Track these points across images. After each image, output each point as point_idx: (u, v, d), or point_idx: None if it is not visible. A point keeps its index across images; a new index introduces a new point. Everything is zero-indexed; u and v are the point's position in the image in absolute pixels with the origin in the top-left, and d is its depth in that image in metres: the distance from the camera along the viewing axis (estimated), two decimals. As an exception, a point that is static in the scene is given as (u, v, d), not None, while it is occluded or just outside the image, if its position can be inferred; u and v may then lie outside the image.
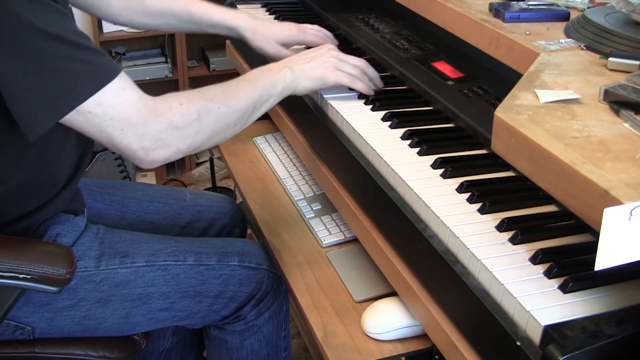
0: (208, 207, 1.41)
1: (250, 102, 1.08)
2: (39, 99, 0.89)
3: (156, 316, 1.14)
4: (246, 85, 1.09)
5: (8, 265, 0.95)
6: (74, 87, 0.90)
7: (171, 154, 1.00)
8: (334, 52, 1.19)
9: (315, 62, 1.16)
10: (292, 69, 1.14)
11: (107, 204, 1.31)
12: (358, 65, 1.19)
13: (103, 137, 0.96)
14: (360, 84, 1.18)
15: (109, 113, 0.93)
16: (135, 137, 0.96)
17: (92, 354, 1.12)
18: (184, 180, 2.87)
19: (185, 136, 1.00)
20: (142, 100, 0.96)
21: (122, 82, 0.95)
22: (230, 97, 1.06)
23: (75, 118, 0.92)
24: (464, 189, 0.91)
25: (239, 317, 1.22)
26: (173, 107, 0.99)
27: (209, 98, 1.03)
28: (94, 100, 0.92)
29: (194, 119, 1.00)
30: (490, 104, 1.08)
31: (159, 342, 1.41)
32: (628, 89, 0.80)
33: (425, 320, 0.90)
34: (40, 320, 1.07)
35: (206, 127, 1.02)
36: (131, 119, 0.95)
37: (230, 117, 1.05)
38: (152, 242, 1.16)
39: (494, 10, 1.10)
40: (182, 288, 1.15)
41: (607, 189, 0.63)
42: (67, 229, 1.09)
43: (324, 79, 1.16)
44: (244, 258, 1.21)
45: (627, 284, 0.74)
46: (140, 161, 0.99)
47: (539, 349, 0.68)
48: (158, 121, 0.97)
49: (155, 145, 0.98)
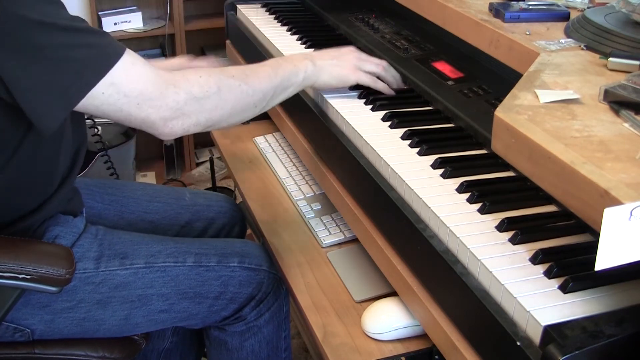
0: (207, 207, 1.41)
1: (271, 85, 1.09)
2: (49, 93, 0.89)
3: (156, 317, 1.14)
4: (268, 69, 1.10)
5: (8, 265, 0.95)
6: (82, 73, 0.90)
7: (190, 124, 1.00)
8: (356, 54, 1.22)
9: (338, 61, 1.19)
10: (314, 62, 1.16)
11: (106, 204, 1.31)
12: (379, 64, 1.22)
13: (121, 116, 0.96)
14: (381, 84, 1.21)
15: (123, 90, 0.93)
16: (153, 110, 0.96)
17: (92, 355, 1.12)
18: (184, 180, 2.87)
19: (204, 108, 1.00)
20: (155, 73, 0.96)
21: (131, 58, 0.94)
22: (251, 77, 1.07)
23: (89, 103, 0.92)
24: (464, 189, 0.91)
25: (239, 318, 1.22)
26: (191, 79, 0.99)
27: (229, 75, 1.04)
28: (105, 81, 0.91)
29: (214, 92, 1.01)
30: (490, 104, 1.08)
31: (159, 342, 1.41)
32: (628, 89, 0.80)
33: (425, 320, 0.90)
34: (39, 322, 1.07)
35: (226, 102, 1.03)
36: (146, 92, 0.95)
37: (251, 97, 1.06)
38: (152, 243, 1.16)
39: (494, 10, 1.10)
40: (182, 289, 1.14)
41: (607, 189, 0.63)
42: (66, 230, 1.08)
43: (345, 77, 1.19)
44: (243, 259, 1.20)
45: (627, 284, 0.74)
46: (160, 132, 0.99)
47: (539, 349, 0.68)
48: (176, 91, 0.97)
49: (175, 115, 0.98)
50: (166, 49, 2.76)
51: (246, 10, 1.74)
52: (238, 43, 1.75)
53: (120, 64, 0.92)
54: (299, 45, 1.47)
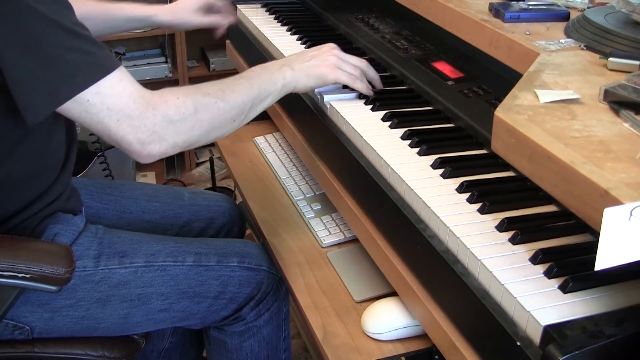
0: (206, 207, 1.41)
1: (248, 98, 1.08)
2: (39, 86, 0.90)
3: (155, 317, 1.14)
4: (244, 82, 1.09)
5: (7, 264, 0.95)
6: (74, 76, 0.91)
7: (167, 147, 1.00)
8: (335, 52, 1.19)
9: (316, 61, 1.16)
10: (293, 67, 1.14)
11: (105, 204, 1.31)
12: (358, 65, 1.19)
13: (101, 129, 0.96)
14: (359, 84, 1.18)
15: (107, 103, 0.94)
16: (130, 129, 0.96)
17: (92, 354, 1.12)
18: (184, 180, 2.87)
19: (181, 130, 1.00)
20: (139, 92, 0.97)
21: (121, 74, 0.95)
22: (227, 92, 1.06)
23: (73, 107, 0.93)
24: (464, 189, 0.91)
25: (239, 318, 1.22)
26: (169, 101, 0.99)
27: (205, 93, 1.03)
28: (92, 90, 0.92)
29: (190, 113, 1.00)
30: (490, 104, 1.08)
31: (159, 342, 1.41)
32: (628, 89, 0.80)
33: (425, 320, 0.90)
34: (39, 320, 1.07)
35: (202, 122, 1.02)
36: (127, 110, 0.95)
37: (228, 113, 1.05)
38: (151, 242, 1.16)
39: (494, 10, 1.10)
40: (181, 289, 1.14)
41: (607, 189, 0.63)
42: (66, 228, 1.08)
43: (323, 77, 1.16)
44: (243, 259, 1.20)
45: (627, 284, 0.74)
46: (138, 155, 0.99)
47: (539, 349, 0.68)
48: (154, 114, 0.97)
49: (151, 138, 0.98)
50: (166, 49, 2.76)
51: (246, 10, 1.74)
52: (238, 43, 1.75)
53: (111, 77, 0.94)
54: (299, 45, 1.47)
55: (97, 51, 0.94)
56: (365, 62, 1.21)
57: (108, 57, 0.95)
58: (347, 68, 1.17)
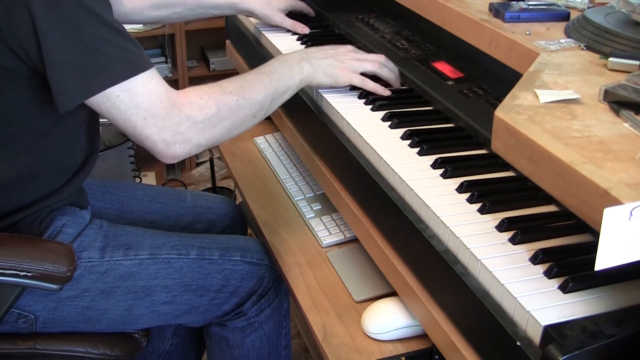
0: (208, 209, 1.42)
1: (268, 94, 1.10)
2: (75, 73, 0.93)
3: (158, 309, 1.15)
4: (264, 78, 1.11)
5: (9, 262, 0.95)
6: (109, 69, 0.94)
7: (191, 148, 1.03)
8: (352, 54, 1.22)
9: (333, 60, 1.19)
10: (311, 62, 1.17)
11: (107, 203, 1.32)
12: (376, 61, 1.23)
13: (128, 125, 0.98)
14: (371, 85, 1.20)
15: (135, 100, 0.96)
16: (155, 129, 0.98)
17: (93, 351, 1.12)
18: (184, 180, 2.87)
19: (204, 130, 1.02)
20: (167, 92, 0.99)
21: (152, 74, 0.98)
22: (248, 89, 1.08)
23: (102, 102, 0.95)
24: (464, 189, 0.92)
25: (240, 312, 1.22)
26: (193, 101, 1.01)
27: (227, 91, 1.06)
28: (124, 86, 0.95)
29: (214, 113, 1.03)
30: (490, 104, 1.08)
31: (159, 344, 1.41)
32: (628, 89, 0.80)
33: (425, 320, 0.90)
34: (43, 309, 1.08)
35: (225, 121, 1.04)
36: (154, 109, 0.97)
37: (249, 110, 1.08)
38: (155, 236, 1.18)
39: (494, 10, 1.10)
40: (185, 281, 1.15)
41: (607, 189, 0.63)
42: (73, 219, 1.10)
43: (338, 78, 1.19)
44: (246, 253, 1.22)
45: (627, 284, 0.74)
46: (163, 155, 1.02)
47: (539, 349, 0.68)
48: (178, 114, 0.99)
49: (175, 139, 1.00)
50: (166, 49, 2.76)
51: (246, 10, 1.73)
52: (238, 43, 1.75)
53: (144, 76, 0.96)
54: (299, 45, 1.47)
55: (134, 49, 0.97)
56: (382, 57, 1.24)
57: (143, 56, 0.98)
58: (365, 69, 1.21)
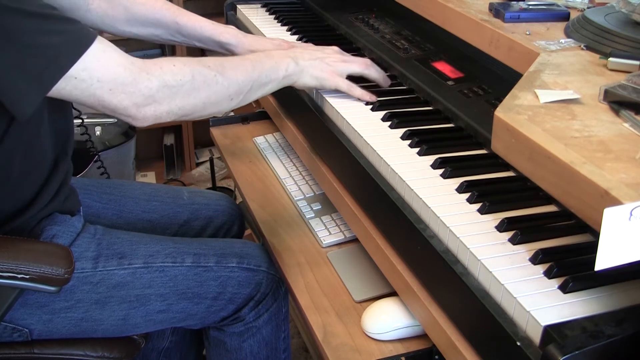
0: (206, 205, 1.41)
1: (249, 79, 1.09)
2: (21, 77, 0.89)
3: (154, 318, 1.14)
4: (247, 63, 1.10)
5: (7, 265, 0.95)
6: (55, 59, 0.90)
7: (162, 112, 1.01)
8: (339, 56, 1.21)
9: (320, 63, 1.19)
10: (297, 62, 1.15)
11: (104, 203, 1.31)
12: (363, 63, 1.22)
13: (94, 101, 0.96)
14: (358, 91, 1.20)
15: (96, 75, 0.94)
16: (125, 95, 0.97)
17: (91, 354, 1.11)
18: (184, 180, 2.87)
19: (177, 96, 1.01)
20: (127, 59, 0.97)
21: (102, 45, 0.95)
22: (228, 69, 1.07)
23: (62, 87, 0.92)
24: (464, 189, 0.91)
25: (238, 318, 1.22)
26: (164, 67, 1.00)
27: (205, 65, 1.05)
28: (78, 67, 0.92)
29: (187, 80, 1.01)
30: (490, 104, 1.08)
31: (159, 341, 1.41)
32: (628, 89, 0.80)
33: (425, 320, 0.90)
34: (37, 322, 1.06)
35: (199, 92, 1.03)
36: (119, 78, 0.96)
37: (226, 89, 1.06)
38: (150, 243, 1.16)
39: (494, 10, 1.10)
40: (180, 290, 1.14)
41: (607, 189, 0.63)
42: (63, 229, 1.08)
43: (324, 81, 1.19)
44: (242, 260, 1.20)
45: (627, 284, 0.74)
46: (133, 118, 1.00)
47: (539, 349, 0.68)
48: (149, 78, 0.98)
49: (146, 101, 0.99)
50: (166, 48, 2.76)
51: (246, 10, 1.74)
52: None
53: (93, 49, 0.93)
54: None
55: (70, 27, 0.93)
56: (367, 60, 1.23)
57: (83, 30, 0.94)
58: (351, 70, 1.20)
